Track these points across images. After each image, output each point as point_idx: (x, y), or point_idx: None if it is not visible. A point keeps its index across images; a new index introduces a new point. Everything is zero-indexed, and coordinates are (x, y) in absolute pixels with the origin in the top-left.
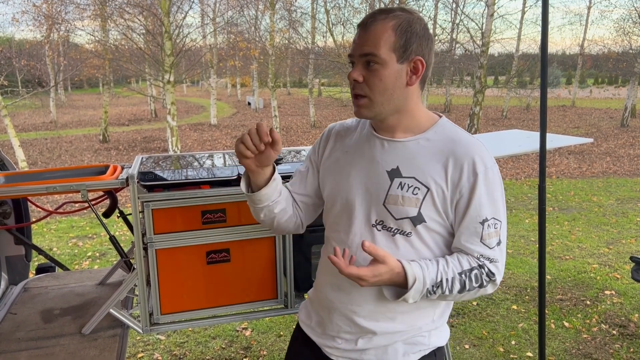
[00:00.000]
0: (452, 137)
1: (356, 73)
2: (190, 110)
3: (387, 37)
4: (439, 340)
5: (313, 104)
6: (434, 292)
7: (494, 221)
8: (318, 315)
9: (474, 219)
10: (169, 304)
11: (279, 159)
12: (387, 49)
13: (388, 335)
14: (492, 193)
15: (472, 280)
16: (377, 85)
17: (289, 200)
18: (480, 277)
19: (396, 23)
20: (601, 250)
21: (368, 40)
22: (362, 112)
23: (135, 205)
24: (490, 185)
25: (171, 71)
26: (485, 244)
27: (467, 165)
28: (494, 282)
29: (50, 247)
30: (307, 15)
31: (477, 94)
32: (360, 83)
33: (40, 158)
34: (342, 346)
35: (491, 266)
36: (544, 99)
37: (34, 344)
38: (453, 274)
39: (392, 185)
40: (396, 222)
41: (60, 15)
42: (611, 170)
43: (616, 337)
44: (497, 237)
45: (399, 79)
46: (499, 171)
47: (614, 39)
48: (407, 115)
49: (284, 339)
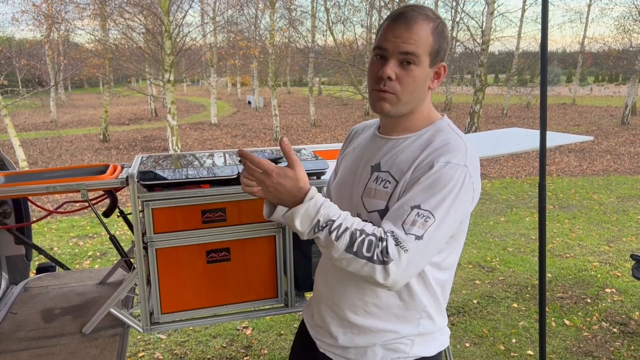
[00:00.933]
0: (436, 136)
1: (391, 70)
2: (191, 109)
3: (427, 38)
4: (424, 350)
5: (313, 102)
6: (321, 229)
7: (426, 213)
8: (312, 308)
9: (407, 202)
10: (169, 303)
11: (279, 158)
12: (425, 51)
13: (367, 332)
14: (439, 187)
15: (364, 244)
16: (410, 86)
17: None
18: (375, 249)
19: (434, 26)
20: (602, 248)
21: (411, 39)
22: (384, 107)
23: (135, 204)
24: (442, 180)
25: (171, 70)
26: (404, 227)
27: (431, 155)
28: (385, 265)
29: (51, 246)
30: (307, 13)
31: (477, 92)
32: (393, 81)
33: (40, 158)
34: (328, 340)
35: (393, 247)
36: (544, 97)
37: (35, 343)
38: (348, 225)
39: (370, 179)
40: (368, 215)
41: (60, 14)
42: (612, 168)
43: (617, 335)
44: (420, 229)
45: (426, 82)
46: (465, 175)
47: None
48: (415, 115)
49: (284, 337)
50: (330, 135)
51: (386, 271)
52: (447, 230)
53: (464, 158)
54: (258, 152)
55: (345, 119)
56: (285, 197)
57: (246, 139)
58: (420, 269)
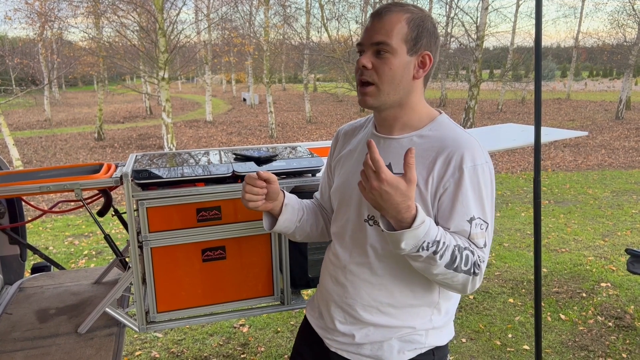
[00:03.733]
0: (445, 134)
1: (366, 59)
2: (186, 107)
3: (400, 27)
4: (438, 340)
5: (308, 99)
6: (426, 249)
7: (480, 221)
8: (320, 307)
9: (462, 217)
10: (165, 302)
11: (274, 156)
12: (398, 39)
13: (383, 329)
14: (479, 191)
15: (464, 259)
16: (386, 74)
17: (317, 213)
18: (471, 262)
19: (410, 16)
20: (597, 242)
21: (382, 29)
22: (367, 100)
23: (129, 203)
24: (478, 183)
25: (166, 68)
26: (474, 242)
27: (454, 161)
28: (476, 276)
29: (46, 246)
30: (301, 10)
31: (472, 87)
32: (369, 70)
33: (35, 157)
34: (340, 339)
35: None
36: (539, 93)
37: (30, 343)
38: (449, 242)
39: None
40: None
41: (53, 12)
42: (606, 163)
43: (612, 329)
44: (483, 238)
45: (407, 71)
46: (491, 171)
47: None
48: (407, 109)
49: (281, 335)
50: (326, 131)
51: (474, 282)
52: (493, 225)
53: (482, 154)
54: (253, 150)
55: (340, 116)
56: (388, 207)
57: (242, 136)
58: None
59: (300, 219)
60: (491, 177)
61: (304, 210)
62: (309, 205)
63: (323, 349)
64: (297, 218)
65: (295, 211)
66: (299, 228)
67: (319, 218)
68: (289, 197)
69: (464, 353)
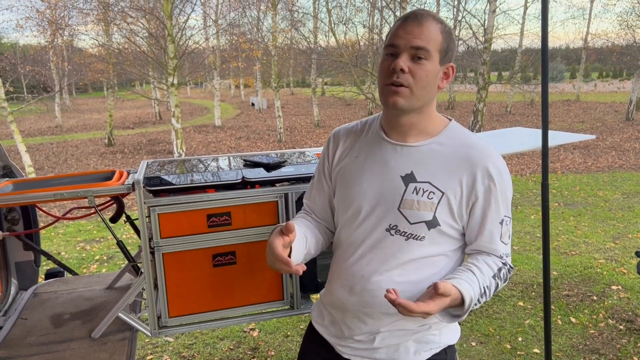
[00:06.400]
0: (464, 142)
1: (403, 62)
2: (195, 112)
3: (437, 36)
4: (450, 338)
5: (317, 103)
6: (478, 302)
7: (507, 219)
8: (331, 315)
9: (494, 221)
10: (176, 306)
11: (282, 162)
12: (435, 48)
13: (399, 332)
14: (504, 194)
15: (502, 279)
16: (423, 79)
17: (313, 230)
18: (506, 274)
19: (443, 27)
20: (607, 245)
21: (421, 35)
22: (398, 101)
23: (141, 210)
24: (504, 187)
25: (174, 74)
26: (504, 241)
27: (481, 170)
28: (510, 272)
29: (58, 251)
30: (309, 15)
31: (480, 90)
32: (406, 73)
33: (46, 163)
34: (355, 345)
35: (509, 260)
36: (545, 97)
37: (45, 348)
38: (490, 280)
39: (407, 190)
40: (411, 227)
41: (64, 20)
42: (617, 165)
43: (623, 332)
44: (508, 232)
45: (436, 79)
46: (508, 172)
47: (617, 32)
48: (425, 116)
49: (291, 339)
50: None
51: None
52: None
53: (501, 158)
54: (262, 156)
55: (348, 119)
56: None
57: (250, 140)
58: None
59: (306, 245)
60: (509, 177)
61: (306, 236)
62: (307, 225)
63: (334, 356)
64: (304, 247)
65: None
66: (306, 255)
67: (318, 235)
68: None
69: (474, 357)
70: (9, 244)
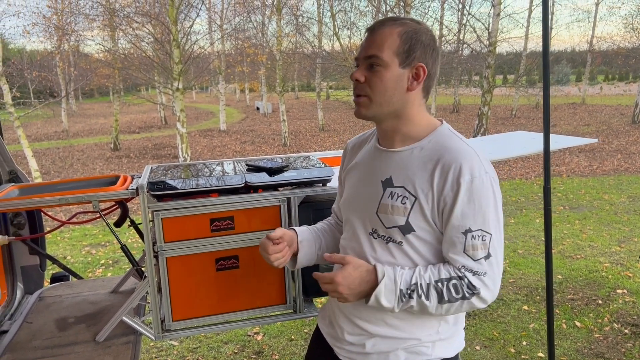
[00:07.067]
0: (443, 145)
1: (358, 73)
2: (200, 116)
3: (391, 41)
4: (445, 351)
5: (321, 107)
6: (410, 296)
7: (480, 232)
8: (330, 317)
9: (456, 229)
10: (180, 310)
11: (285, 166)
12: (390, 52)
13: (389, 340)
14: (478, 204)
15: (451, 290)
16: (378, 86)
17: (335, 233)
18: (461, 288)
19: (403, 29)
20: (613, 248)
21: (373, 43)
22: (361, 111)
23: (145, 214)
24: (476, 195)
25: (180, 78)
26: (469, 255)
27: (452, 174)
28: (477, 295)
29: (64, 255)
30: (313, 19)
31: (485, 93)
32: (362, 83)
33: (53, 167)
34: (348, 347)
35: (474, 279)
36: (547, 101)
37: (50, 352)
38: (429, 280)
39: (384, 195)
40: (386, 231)
41: (70, 26)
42: (622, 168)
43: (628, 336)
44: (484, 249)
45: (400, 83)
46: (493, 181)
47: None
48: (405, 121)
49: (295, 343)
50: (338, 139)
51: (481, 298)
52: (501, 234)
53: (481, 165)
54: (266, 161)
55: (353, 123)
56: (363, 287)
57: (255, 144)
58: (501, 272)
59: (320, 246)
60: (493, 187)
61: (321, 238)
62: (325, 229)
63: (334, 357)
64: (316, 248)
65: (312, 243)
66: (321, 256)
67: (338, 238)
68: (302, 233)
69: None
70: (15, 249)
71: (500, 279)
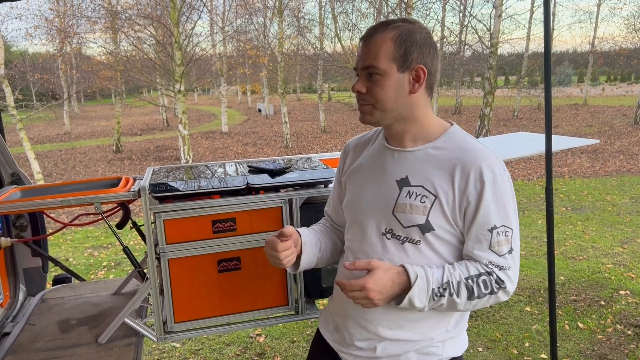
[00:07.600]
0: (460, 146)
1: (359, 85)
2: (202, 118)
3: (386, 48)
4: (454, 350)
5: (323, 109)
6: (441, 295)
7: (504, 229)
8: (335, 322)
9: (482, 227)
10: (182, 312)
11: (287, 168)
12: (386, 60)
13: (401, 343)
14: (500, 200)
15: (481, 286)
16: (380, 95)
17: (331, 235)
18: (490, 284)
19: (395, 34)
20: (615, 249)
21: (369, 53)
22: (366, 118)
23: (147, 216)
24: (499, 192)
25: (182, 80)
26: (495, 251)
27: (473, 173)
28: (504, 289)
29: (66, 257)
30: (315, 21)
31: (487, 95)
32: (364, 94)
33: (55, 169)
34: (357, 352)
35: (500, 273)
36: (549, 102)
37: (52, 354)
38: (459, 278)
39: (401, 194)
40: (404, 230)
41: (72, 28)
42: (625, 169)
43: (631, 338)
44: (507, 244)
45: (401, 88)
46: (509, 178)
47: (624, 36)
48: (414, 123)
49: (297, 344)
50: (340, 140)
51: (506, 292)
52: (518, 228)
53: (499, 163)
54: (268, 162)
55: (355, 125)
56: (394, 290)
57: (257, 146)
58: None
59: (320, 249)
60: (510, 185)
61: (321, 240)
62: (323, 231)
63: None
64: (317, 250)
65: (314, 245)
66: (320, 258)
67: (335, 240)
68: (305, 235)
69: None
70: (18, 251)
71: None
